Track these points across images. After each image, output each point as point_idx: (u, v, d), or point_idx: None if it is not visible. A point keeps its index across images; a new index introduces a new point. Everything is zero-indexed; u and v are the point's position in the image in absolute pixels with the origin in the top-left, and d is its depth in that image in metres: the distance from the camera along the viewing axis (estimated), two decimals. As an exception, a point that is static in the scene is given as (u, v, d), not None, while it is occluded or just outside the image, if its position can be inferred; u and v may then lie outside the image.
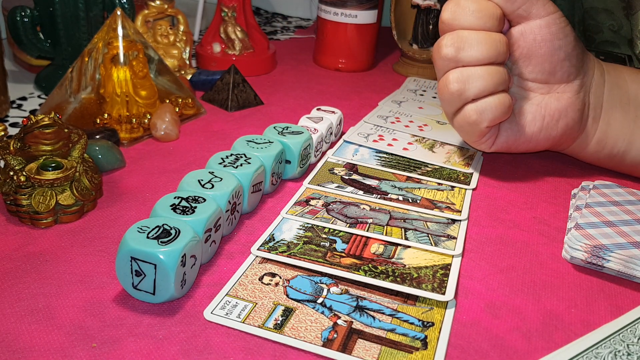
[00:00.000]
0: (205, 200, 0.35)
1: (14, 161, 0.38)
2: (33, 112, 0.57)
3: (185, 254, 0.31)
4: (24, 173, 0.37)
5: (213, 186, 0.37)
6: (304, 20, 1.05)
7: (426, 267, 0.36)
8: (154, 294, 0.31)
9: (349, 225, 0.39)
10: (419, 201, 0.44)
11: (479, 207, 0.44)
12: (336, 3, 0.72)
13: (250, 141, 0.44)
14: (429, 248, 0.38)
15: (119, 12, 0.51)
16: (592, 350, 0.30)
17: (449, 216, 0.42)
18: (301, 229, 0.39)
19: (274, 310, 0.32)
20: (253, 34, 0.73)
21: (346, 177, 0.47)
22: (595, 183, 0.45)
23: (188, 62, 0.68)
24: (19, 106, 0.58)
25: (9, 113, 0.56)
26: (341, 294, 0.34)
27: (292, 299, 0.33)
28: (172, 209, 0.34)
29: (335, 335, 0.30)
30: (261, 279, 0.34)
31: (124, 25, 0.51)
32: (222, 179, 0.38)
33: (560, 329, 0.32)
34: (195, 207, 0.34)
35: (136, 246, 0.30)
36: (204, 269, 0.35)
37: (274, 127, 0.47)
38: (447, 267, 0.36)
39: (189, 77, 0.65)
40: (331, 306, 0.32)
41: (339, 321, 0.31)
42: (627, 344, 0.31)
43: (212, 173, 0.38)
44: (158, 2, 0.64)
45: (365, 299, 0.33)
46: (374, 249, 0.37)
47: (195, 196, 0.35)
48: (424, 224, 0.40)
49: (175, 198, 0.35)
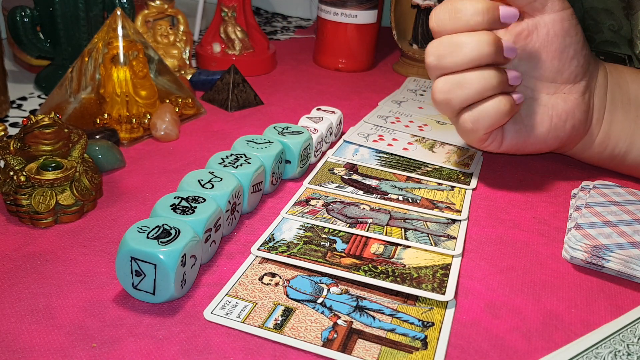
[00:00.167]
0: (205, 200, 0.35)
1: (14, 161, 0.38)
2: (33, 112, 0.57)
3: (185, 254, 0.31)
4: (24, 173, 0.37)
5: (213, 186, 0.37)
6: (304, 20, 1.05)
7: (426, 267, 0.36)
8: (154, 294, 0.31)
9: (349, 225, 0.39)
10: (419, 201, 0.44)
11: (479, 207, 0.44)
12: (336, 3, 0.72)
13: (250, 141, 0.44)
14: (429, 248, 0.38)
15: (119, 12, 0.51)
16: (592, 350, 0.30)
17: (449, 216, 0.42)
18: (301, 229, 0.39)
19: (274, 310, 0.32)
20: (253, 34, 0.73)
21: (346, 177, 0.47)
22: (595, 183, 0.45)
23: (188, 62, 0.68)
24: (19, 106, 0.58)
25: (9, 113, 0.56)
26: (341, 294, 0.34)
27: (292, 299, 0.33)
28: (172, 209, 0.34)
29: (335, 335, 0.30)
30: (261, 279, 0.34)
31: (124, 25, 0.51)
32: (222, 179, 0.38)
33: (560, 329, 0.32)
34: (195, 207, 0.34)
35: (136, 246, 0.30)
36: (204, 269, 0.35)
37: (274, 127, 0.47)
38: (447, 267, 0.36)
39: (189, 77, 0.65)
40: (331, 306, 0.32)
41: (339, 321, 0.31)
42: (627, 344, 0.31)
43: (212, 173, 0.38)
44: (158, 2, 0.64)
45: (365, 299, 0.33)
46: (374, 249, 0.37)
47: (195, 196, 0.35)
48: (424, 224, 0.40)
49: (175, 198, 0.35)
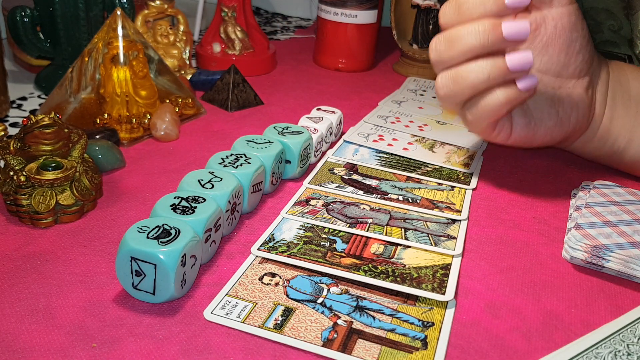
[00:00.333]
0: (205, 200, 0.35)
1: (14, 161, 0.38)
2: (33, 112, 0.57)
3: (185, 254, 0.31)
4: (24, 173, 0.37)
5: (213, 186, 0.37)
6: (304, 20, 1.05)
7: (426, 267, 0.36)
8: (154, 294, 0.31)
9: (349, 225, 0.39)
10: (419, 201, 0.44)
11: (479, 207, 0.44)
12: (336, 3, 0.72)
13: (250, 141, 0.44)
14: (429, 248, 0.38)
15: (119, 12, 0.51)
16: (592, 350, 0.30)
17: (449, 216, 0.42)
18: (301, 229, 0.39)
19: (274, 310, 0.32)
20: (253, 34, 0.73)
21: (346, 177, 0.47)
22: (595, 183, 0.45)
23: (188, 62, 0.68)
24: (19, 106, 0.58)
25: (9, 113, 0.56)
26: (341, 294, 0.34)
27: (292, 299, 0.33)
28: (172, 209, 0.34)
29: (335, 335, 0.30)
30: (261, 279, 0.34)
31: (124, 25, 0.51)
32: (222, 179, 0.38)
33: (560, 329, 0.32)
34: (195, 207, 0.34)
35: (136, 246, 0.30)
36: (204, 269, 0.35)
37: (274, 127, 0.47)
38: (447, 267, 0.36)
39: (189, 77, 0.65)
40: (331, 306, 0.32)
41: (339, 321, 0.31)
42: (627, 344, 0.31)
43: (212, 173, 0.38)
44: (158, 2, 0.64)
45: (365, 299, 0.33)
46: (374, 249, 0.37)
47: (195, 196, 0.35)
48: (424, 224, 0.40)
49: (175, 198, 0.35)
